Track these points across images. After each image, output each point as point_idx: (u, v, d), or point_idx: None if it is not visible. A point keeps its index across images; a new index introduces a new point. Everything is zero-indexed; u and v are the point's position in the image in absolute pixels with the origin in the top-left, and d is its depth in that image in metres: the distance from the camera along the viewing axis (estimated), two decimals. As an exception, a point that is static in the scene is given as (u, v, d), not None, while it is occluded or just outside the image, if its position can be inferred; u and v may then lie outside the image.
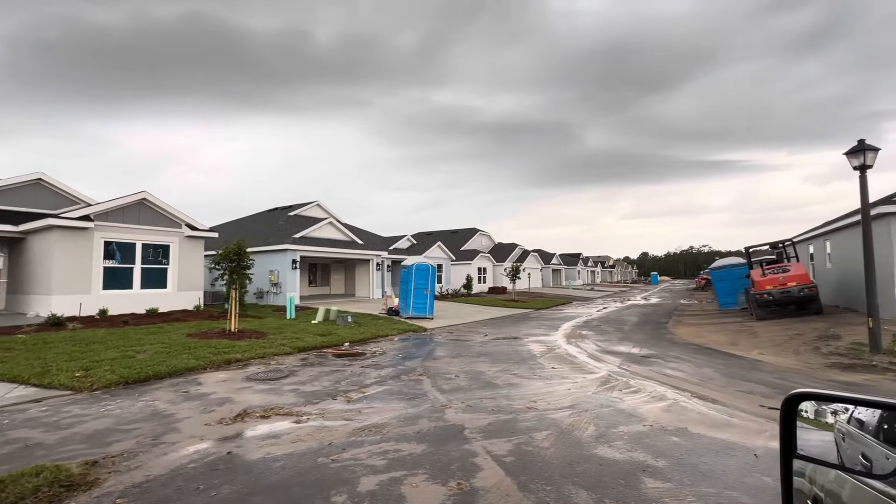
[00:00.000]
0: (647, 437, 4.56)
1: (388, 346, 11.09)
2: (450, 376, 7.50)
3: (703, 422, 5.12)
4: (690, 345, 11.00)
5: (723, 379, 7.34)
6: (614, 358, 9.32)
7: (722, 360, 8.90)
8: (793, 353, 9.24)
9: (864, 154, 8.45)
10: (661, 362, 8.81)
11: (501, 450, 4.20)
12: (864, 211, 8.57)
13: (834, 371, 7.68)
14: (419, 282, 16.97)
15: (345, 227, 26.85)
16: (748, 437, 4.61)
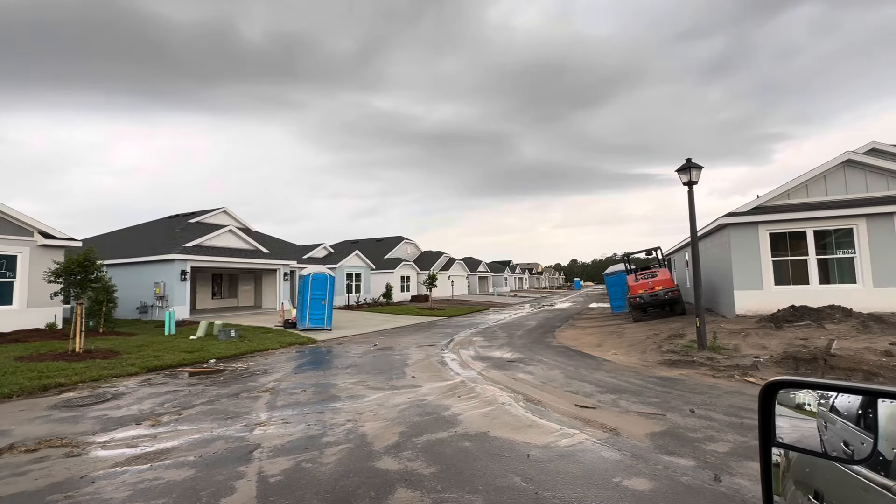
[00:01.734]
0: (441, 445, 4.63)
1: (260, 361, 10.54)
2: (296, 391, 7.23)
3: (511, 424, 5.33)
4: (561, 348, 11.60)
5: (563, 380, 7.76)
6: (481, 364, 9.55)
7: (576, 362, 9.45)
8: (639, 353, 10.05)
9: (690, 171, 9.46)
10: (521, 366, 9.16)
11: (276, 469, 4.04)
12: (692, 221, 9.57)
13: (662, 367, 8.43)
14: (316, 292, 16.43)
15: (250, 236, 25.47)
16: (540, 436, 4.85)
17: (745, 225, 12.77)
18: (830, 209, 12.03)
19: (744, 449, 4.31)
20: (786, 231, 12.50)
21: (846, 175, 12.36)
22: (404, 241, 47.29)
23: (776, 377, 1.16)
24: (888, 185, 11.99)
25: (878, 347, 8.15)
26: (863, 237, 11.69)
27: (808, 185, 12.69)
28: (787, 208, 12.57)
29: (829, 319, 10.20)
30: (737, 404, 5.85)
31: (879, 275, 11.51)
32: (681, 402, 6.03)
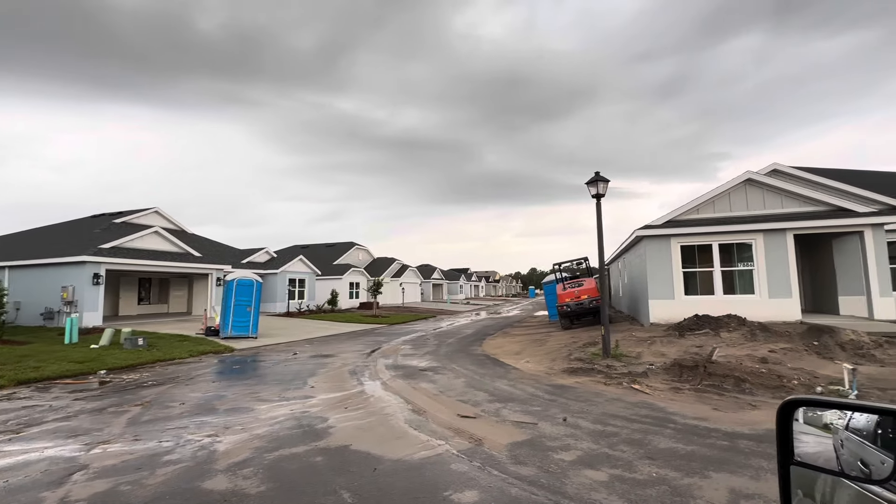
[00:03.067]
0: (290, 461, 4.42)
1: (159, 371, 9.87)
2: (173, 404, 6.78)
3: (380, 436, 5.18)
4: (481, 356, 11.62)
5: (462, 389, 7.72)
6: (392, 373, 9.39)
7: (486, 370, 9.47)
8: (549, 360, 10.23)
9: (598, 184, 9.79)
10: (430, 375, 9.06)
11: (86, 493, 3.69)
12: (599, 232, 9.90)
13: (562, 375, 8.59)
14: (241, 298, 15.72)
15: (182, 238, 24.16)
16: (401, 449, 4.73)
17: (659, 237, 13.41)
18: (733, 224, 12.85)
19: (590, 457, 4.37)
20: (694, 244, 13.23)
21: (747, 193, 13.28)
22: (356, 246, 46.51)
23: (793, 396, 1.11)
24: (782, 203, 12.97)
25: (757, 355, 8.68)
26: (760, 251, 12.55)
27: (715, 201, 13.52)
28: (696, 222, 13.31)
29: (726, 328, 10.82)
30: (609, 412, 5.99)
31: (773, 286, 12.38)
32: (559, 411, 6.11)
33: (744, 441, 4.67)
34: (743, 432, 4.96)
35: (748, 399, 6.40)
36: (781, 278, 12.33)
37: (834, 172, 16.46)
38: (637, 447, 4.59)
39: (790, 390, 6.56)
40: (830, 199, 12.52)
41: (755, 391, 6.70)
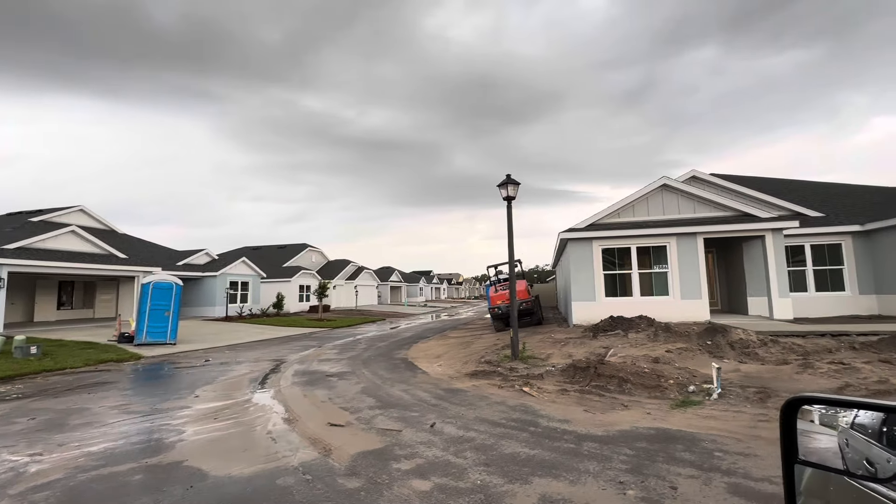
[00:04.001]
0: (101, 481, 4.06)
1: (39, 383, 9.10)
2: (21, 420, 6.20)
3: (230, 449, 4.88)
4: (399, 360, 11.43)
5: (354, 395, 7.49)
6: (295, 379, 9.05)
7: (395, 375, 9.27)
8: (462, 363, 10.17)
9: (507, 187, 9.83)
10: (332, 381, 8.78)
11: None
12: (510, 235, 9.93)
13: (464, 379, 8.51)
14: (158, 302, 14.85)
15: (107, 238, 22.70)
16: (243, 463, 4.45)
17: (582, 240, 13.69)
18: (650, 228, 13.28)
19: (429, 466, 4.25)
20: (615, 247, 13.59)
21: (664, 198, 13.78)
22: (308, 248, 45.39)
23: (797, 394, 1.07)
24: (695, 208, 13.54)
25: (653, 355, 8.92)
26: (673, 254, 13.03)
27: (635, 205, 13.95)
28: (617, 226, 13.69)
29: (635, 329, 11.12)
30: (483, 416, 5.93)
31: (685, 288, 12.87)
32: (435, 416, 5.99)
33: (590, 444, 4.69)
34: (595, 434, 4.98)
35: (624, 399, 6.51)
36: (692, 280, 12.84)
37: (748, 180, 17.40)
38: (482, 453, 4.51)
39: (664, 389, 6.73)
40: (737, 205, 13.17)
41: (634, 391, 6.83)
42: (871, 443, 1.01)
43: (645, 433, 4.95)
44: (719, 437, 4.73)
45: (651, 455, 4.28)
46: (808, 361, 7.96)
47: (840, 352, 8.56)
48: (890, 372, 7.08)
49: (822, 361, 7.89)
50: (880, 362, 7.69)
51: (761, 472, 3.80)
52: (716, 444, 4.49)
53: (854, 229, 13.50)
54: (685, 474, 3.82)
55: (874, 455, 0.99)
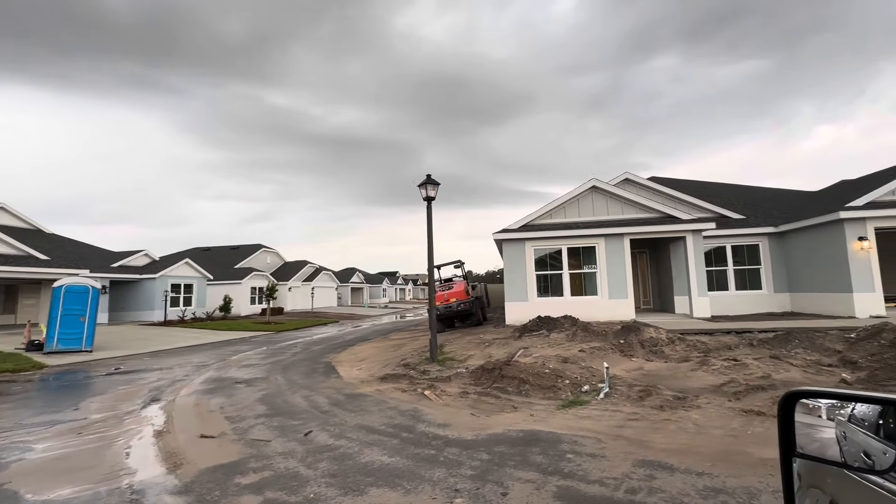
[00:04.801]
0: None
1: None
2: None
3: (70, 468, 4.50)
4: (322, 365, 11.11)
5: (250, 403, 7.16)
6: (202, 387, 8.61)
7: (307, 381, 8.97)
8: (381, 367, 9.97)
9: (427, 187, 9.71)
10: (239, 388, 8.41)
11: None
12: (429, 235, 9.82)
13: (374, 383, 8.31)
14: (71, 307, 13.88)
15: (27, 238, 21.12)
16: (70, 485, 4.08)
17: (516, 241, 13.78)
18: (580, 229, 13.51)
19: (273, 479, 4.02)
20: (546, 247, 13.74)
21: (594, 200, 14.06)
22: (263, 249, 44.02)
23: (795, 388, 1.05)
24: (623, 210, 13.88)
25: (566, 355, 9.01)
26: (602, 254, 13.30)
27: (566, 206, 14.17)
28: (549, 227, 13.85)
29: (559, 329, 11.24)
30: (366, 423, 5.75)
31: (613, 288, 13.16)
32: (318, 424, 5.77)
33: (452, 449, 4.59)
34: (464, 439, 4.90)
35: (518, 401, 6.49)
36: (619, 280, 13.15)
37: (682, 183, 18.06)
38: (337, 463, 4.33)
39: (559, 390, 6.76)
40: (661, 207, 13.60)
41: (531, 392, 6.83)
42: (868, 435, 1.01)
43: (514, 436, 4.90)
44: (583, 437, 4.73)
45: (504, 459, 4.22)
46: (706, 358, 8.23)
47: (739, 348, 8.91)
48: (774, 367, 7.39)
49: (718, 358, 8.17)
50: (770, 358, 8.03)
51: (600, 473, 3.80)
52: (574, 446, 4.49)
53: (769, 231, 14.21)
54: (524, 479, 3.77)
55: (871, 447, 0.98)
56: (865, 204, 11.71)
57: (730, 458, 4.00)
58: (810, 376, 6.87)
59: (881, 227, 11.70)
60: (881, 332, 7.84)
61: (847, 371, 7.00)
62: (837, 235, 11.85)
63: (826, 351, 8.04)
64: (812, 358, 7.84)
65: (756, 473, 3.66)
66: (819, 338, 8.59)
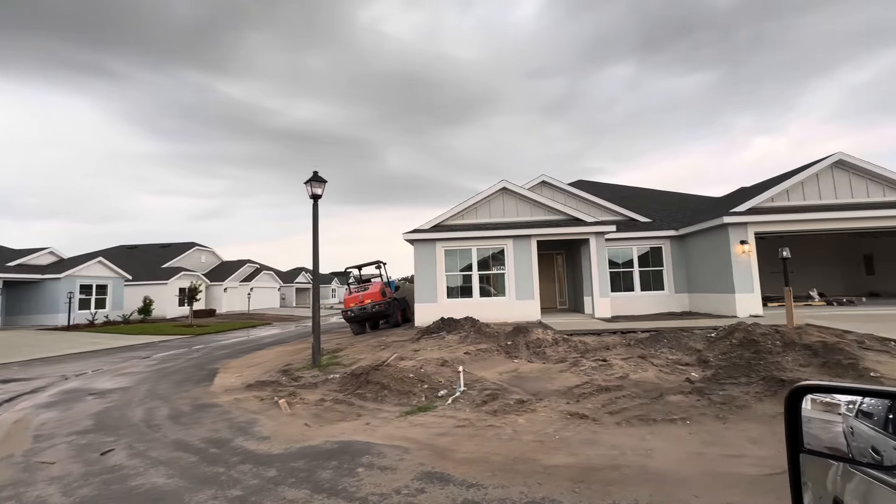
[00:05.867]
0: None
1: None
2: None
3: None
4: (208, 372, 10.44)
5: (87, 417, 6.50)
6: (50, 399, 7.81)
7: (175, 389, 8.34)
8: (262, 372, 9.46)
9: (312, 184, 9.30)
10: (89, 400, 7.67)
11: None
12: (315, 234, 9.41)
13: (237, 391, 7.82)
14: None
15: None
16: None
17: (427, 241, 13.61)
18: (490, 230, 13.54)
19: (10, 510, 3.53)
20: (457, 248, 13.67)
21: (504, 201, 14.14)
22: (197, 247, 41.72)
23: (802, 382, 1.07)
24: (532, 212, 14.04)
25: (448, 357, 8.89)
26: (510, 255, 13.39)
27: (478, 207, 14.18)
28: (460, 227, 13.79)
29: (457, 330, 11.15)
30: (180, 439, 5.30)
31: (520, 289, 13.27)
32: (132, 440, 5.26)
33: (245, 466, 4.25)
34: (271, 454, 4.57)
35: (369, 408, 6.24)
36: (526, 281, 13.28)
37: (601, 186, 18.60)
38: (101, 488, 3.89)
39: (415, 395, 6.58)
40: (568, 210, 13.88)
41: (387, 398, 6.60)
42: (877, 430, 0.99)
43: (326, 448, 4.63)
44: (394, 448, 4.53)
45: (288, 476, 3.94)
46: (581, 359, 8.34)
47: (616, 349, 9.12)
48: (635, 367, 7.57)
49: (590, 359, 8.30)
50: (639, 358, 8.24)
51: (371, 489, 3.59)
52: (375, 458, 4.27)
53: (671, 234, 14.85)
54: (288, 498, 3.50)
55: (880, 442, 0.97)
56: (747, 210, 12.44)
57: (514, 466, 3.91)
58: (663, 375, 7.07)
59: (761, 231, 12.48)
60: (734, 331, 8.24)
61: (698, 370, 7.28)
62: (723, 239, 12.52)
63: (688, 350, 8.35)
64: (674, 357, 8.12)
65: (527, 483, 3.57)
66: (685, 337, 8.94)
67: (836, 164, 12.61)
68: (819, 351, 6.85)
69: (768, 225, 12.36)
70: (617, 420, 5.00)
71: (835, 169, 12.65)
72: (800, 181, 12.70)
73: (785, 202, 12.69)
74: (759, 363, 6.92)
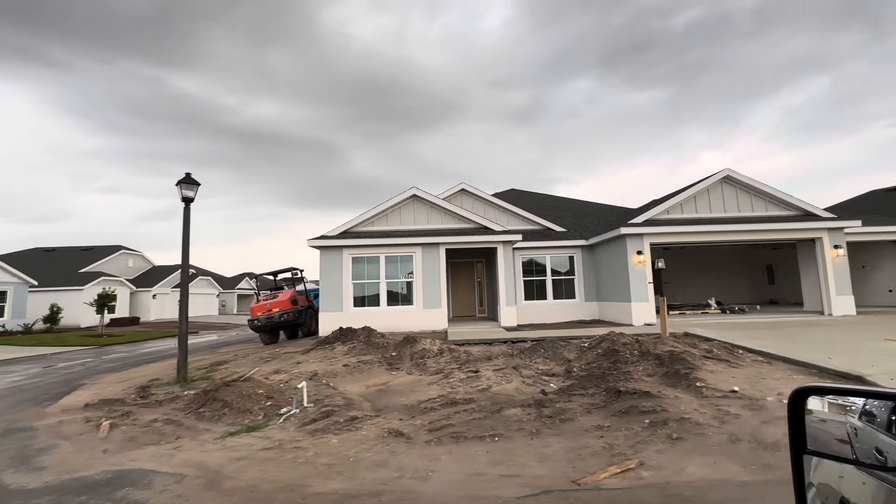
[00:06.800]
0: None
1: None
2: None
3: None
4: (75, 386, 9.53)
5: None
6: None
7: (14, 406, 7.47)
8: (125, 387, 8.73)
9: (183, 186, 8.73)
10: None
11: None
12: (185, 241, 8.83)
13: (73, 411, 7.11)
14: None
15: None
16: None
17: (333, 248, 13.21)
18: (400, 237, 13.32)
19: None
20: (365, 255, 13.36)
21: (415, 208, 14.00)
22: (123, 251, 39.07)
23: (805, 384, 1.08)
24: (443, 220, 13.97)
25: (325, 370, 8.54)
26: (418, 263, 13.22)
27: (388, 214, 13.96)
28: (368, 234, 13.49)
29: (351, 341, 10.81)
30: (-51, 470, 4.65)
31: (428, 298, 13.11)
32: None
33: (-22, 505, 3.73)
34: (26, 489, 4.06)
35: (199, 428, 5.78)
36: (434, 290, 13.15)
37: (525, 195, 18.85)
38: None
39: (253, 413, 6.18)
40: (477, 219, 13.91)
41: (225, 416, 6.17)
42: (880, 431, 0.99)
43: (93, 480, 4.17)
44: (171, 475, 4.14)
45: (10, 517, 3.47)
46: (456, 371, 8.23)
47: (497, 359, 9.08)
48: (501, 379, 7.51)
49: (464, 371, 8.21)
50: (512, 369, 8.22)
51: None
52: (133, 490, 3.87)
53: (582, 244, 15.22)
54: (-21, 547, 3.05)
55: (883, 443, 0.97)
56: (644, 221, 12.91)
57: (276, 496, 3.64)
58: (523, 387, 7.03)
59: (656, 242, 12.99)
60: (602, 341, 8.39)
61: (560, 381, 7.30)
62: (622, 249, 12.91)
63: (561, 360, 8.42)
64: (545, 367, 8.15)
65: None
66: (562, 347, 9.03)
67: (724, 180, 13.35)
68: (665, 360, 7.04)
69: (662, 236, 12.87)
70: (431, 438, 4.84)
71: (724, 184, 13.39)
72: (692, 195, 13.34)
73: (679, 214, 13.28)
74: (613, 373, 7.03)
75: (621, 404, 5.58)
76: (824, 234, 12.88)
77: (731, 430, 4.55)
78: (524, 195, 21.74)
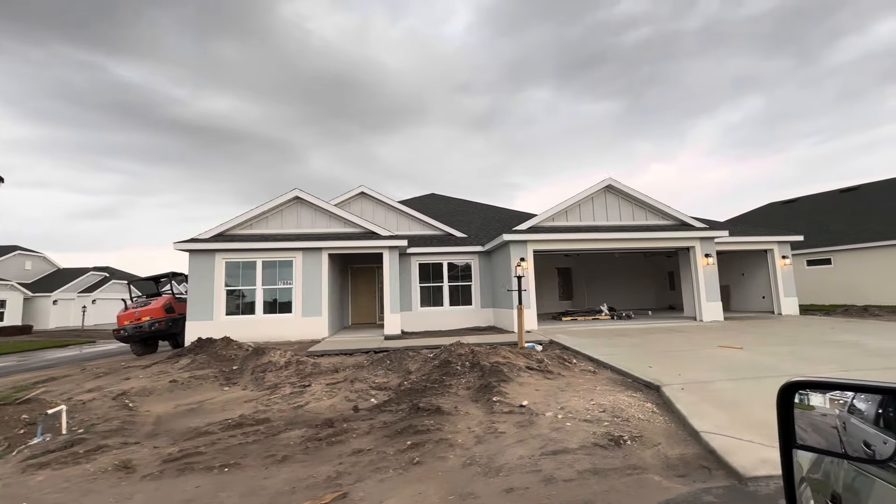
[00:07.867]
0: None
1: None
2: None
3: None
4: None
5: None
6: None
7: None
8: None
9: None
10: None
11: None
12: None
13: None
14: None
15: None
16: None
17: (204, 252, 12.31)
18: (279, 241, 12.62)
19: None
20: (240, 259, 12.55)
21: (298, 211, 13.36)
22: (19, 252, 35.49)
23: (794, 378, 1.09)
24: (329, 224, 13.42)
25: (143, 387, 7.76)
26: (298, 269, 12.58)
27: (268, 216, 13.23)
28: (246, 238, 12.71)
29: (202, 352, 10.01)
30: None
31: (308, 305, 12.49)
32: None
33: None
34: None
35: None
36: (315, 297, 12.55)
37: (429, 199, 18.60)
38: None
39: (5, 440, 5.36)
40: (363, 223, 13.46)
41: (-38, 449, 5.30)
42: (868, 425, 0.99)
43: None
44: None
45: None
46: (289, 385, 7.71)
47: (343, 371, 8.63)
48: (326, 394, 7.09)
49: (297, 385, 7.70)
50: (348, 382, 7.81)
51: None
52: None
53: (479, 249, 15.14)
54: None
55: (871, 437, 0.97)
56: (528, 228, 12.98)
57: None
58: (341, 403, 6.61)
59: (540, 249, 13.08)
60: (444, 352, 8.15)
61: (385, 394, 6.95)
62: (507, 256, 12.90)
63: (403, 372, 8.09)
64: (382, 380, 7.79)
65: None
66: (409, 359, 8.72)
67: (607, 189, 13.69)
68: (486, 372, 6.87)
69: (546, 243, 12.99)
70: (156, 470, 4.28)
71: (607, 193, 13.73)
72: (577, 202, 13.57)
73: (563, 222, 13.46)
74: (435, 387, 6.77)
75: (406, 423, 5.28)
76: (696, 244, 13.48)
77: (478, 452, 4.33)
78: (442, 199, 21.58)
